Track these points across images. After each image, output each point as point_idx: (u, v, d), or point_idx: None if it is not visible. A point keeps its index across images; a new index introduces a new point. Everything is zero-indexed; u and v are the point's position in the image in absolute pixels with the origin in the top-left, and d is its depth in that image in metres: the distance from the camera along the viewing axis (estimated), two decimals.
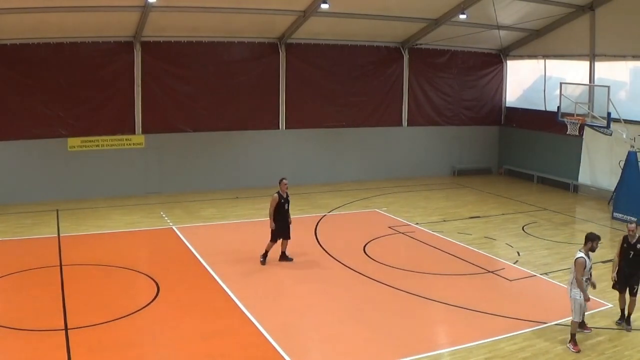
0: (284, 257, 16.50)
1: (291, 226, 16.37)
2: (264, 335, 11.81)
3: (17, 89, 23.26)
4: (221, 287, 14.53)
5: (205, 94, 26.01)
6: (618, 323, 12.45)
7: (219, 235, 19.69)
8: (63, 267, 15.82)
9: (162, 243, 18.66)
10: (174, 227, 20.02)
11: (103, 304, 13.27)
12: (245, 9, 23.27)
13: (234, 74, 26.29)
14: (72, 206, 22.67)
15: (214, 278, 15.13)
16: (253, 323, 12.39)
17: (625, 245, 12.38)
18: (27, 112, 23.42)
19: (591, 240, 11.54)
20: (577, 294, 11.29)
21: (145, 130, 25.18)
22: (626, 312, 12.39)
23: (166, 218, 21.28)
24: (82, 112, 24.15)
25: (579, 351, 11.15)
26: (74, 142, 24.12)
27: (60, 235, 19.04)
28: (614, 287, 12.62)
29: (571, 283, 11.47)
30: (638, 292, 12.25)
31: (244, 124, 26.73)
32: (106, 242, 18.52)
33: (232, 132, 26.52)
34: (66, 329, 11.91)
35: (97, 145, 24.50)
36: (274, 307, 13.40)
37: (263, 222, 20.88)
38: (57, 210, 21.95)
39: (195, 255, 16.97)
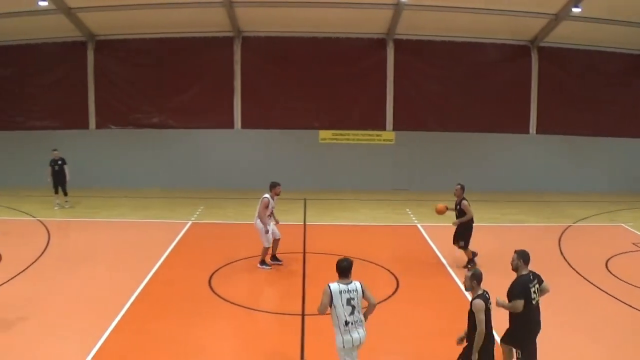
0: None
1: None
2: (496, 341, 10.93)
3: (273, 81, 24.39)
4: (460, 290, 13.78)
5: (455, 93, 25.38)
6: None
7: None
8: (306, 254, 16.05)
9: (406, 240, 18.31)
10: (418, 225, 19.59)
11: None
12: (497, 10, 22.35)
13: (484, 75, 25.36)
14: (320, 196, 23.15)
15: (454, 280, 14.44)
16: None
17: None
18: (281, 103, 24.51)
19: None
20: None
21: (395, 127, 25.11)
22: None
23: (412, 215, 20.93)
24: (334, 105, 24.70)
25: None
26: (325, 134, 24.71)
27: (307, 223, 19.43)
28: None
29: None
30: None
31: (492, 126, 25.66)
32: (350, 234, 18.56)
33: (480, 134, 25.62)
34: (303, 314, 11.95)
35: (348, 139, 24.89)
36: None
37: (509, 228, 19.95)
38: (305, 200, 22.49)
39: (437, 255, 16.36)
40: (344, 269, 9.00)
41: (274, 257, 15.17)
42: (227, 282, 14.06)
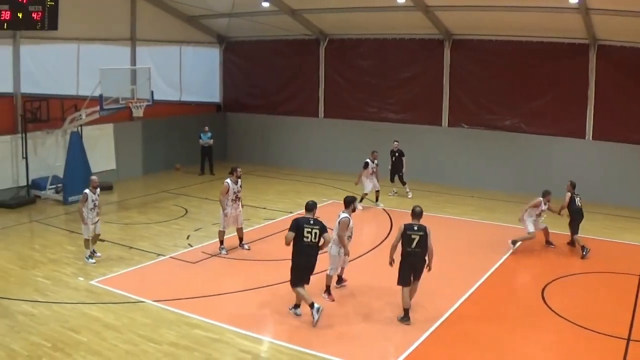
0: None
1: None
2: None
3: (628, 93, 23.68)
4: None
5: None
6: None
7: None
8: None
9: None
10: None
11: None
12: None
13: None
14: None
15: None
16: None
17: None
18: (629, 115, 23.69)
19: (352, 203, 13.43)
20: (336, 250, 13.27)
21: None
22: None
23: None
24: None
25: (333, 300, 13.34)
26: None
27: None
28: None
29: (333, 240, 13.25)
30: None
31: None
32: None
33: None
34: (628, 339, 12.01)
35: None
36: None
37: None
38: None
39: None
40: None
41: None
42: (559, 294, 14.55)
